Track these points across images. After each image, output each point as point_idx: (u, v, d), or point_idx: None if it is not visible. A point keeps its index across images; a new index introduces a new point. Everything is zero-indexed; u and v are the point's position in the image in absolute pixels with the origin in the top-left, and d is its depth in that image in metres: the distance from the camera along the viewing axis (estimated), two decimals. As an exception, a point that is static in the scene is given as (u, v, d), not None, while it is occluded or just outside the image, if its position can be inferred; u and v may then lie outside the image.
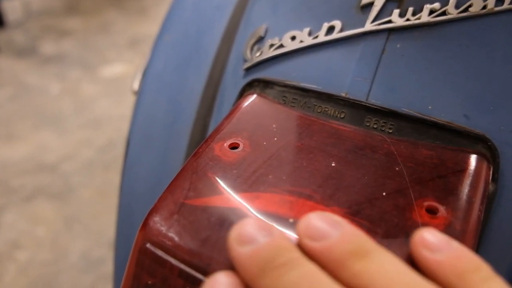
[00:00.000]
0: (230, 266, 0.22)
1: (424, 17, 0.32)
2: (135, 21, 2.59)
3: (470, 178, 0.27)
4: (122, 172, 0.49)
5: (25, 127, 1.68)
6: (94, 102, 1.84)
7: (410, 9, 0.33)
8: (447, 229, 0.24)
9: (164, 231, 0.25)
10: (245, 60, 0.38)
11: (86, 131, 1.66)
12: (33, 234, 1.26)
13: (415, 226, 0.24)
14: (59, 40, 2.36)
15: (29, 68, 2.11)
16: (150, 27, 2.32)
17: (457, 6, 0.32)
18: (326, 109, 0.33)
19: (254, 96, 0.35)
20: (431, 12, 0.32)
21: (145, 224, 0.25)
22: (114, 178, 1.42)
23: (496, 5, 0.32)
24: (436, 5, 0.33)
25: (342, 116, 0.32)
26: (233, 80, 0.39)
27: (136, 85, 0.54)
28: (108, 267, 1.16)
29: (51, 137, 1.63)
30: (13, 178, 1.44)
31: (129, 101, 1.71)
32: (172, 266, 0.23)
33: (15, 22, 2.53)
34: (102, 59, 2.17)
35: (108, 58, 2.19)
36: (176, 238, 0.24)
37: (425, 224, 0.24)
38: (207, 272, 0.23)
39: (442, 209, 0.25)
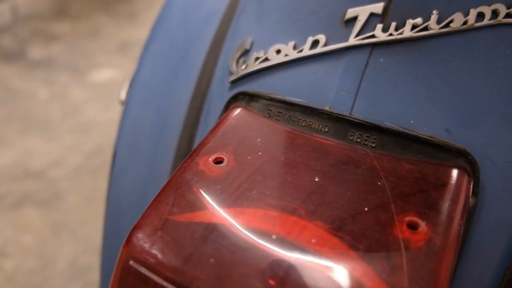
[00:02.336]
0: (212, 283, 0.22)
1: (407, 32, 0.33)
2: (124, 25, 2.58)
3: (451, 192, 0.28)
4: (108, 182, 0.49)
5: (12, 133, 1.66)
6: (83, 107, 1.83)
7: (393, 24, 0.33)
8: (427, 245, 0.24)
9: (147, 248, 0.25)
10: (231, 73, 0.38)
11: (74, 137, 1.65)
12: (19, 242, 1.25)
13: (396, 241, 0.25)
14: (48, 44, 2.34)
15: (17, 72, 2.08)
16: (140, 32, 2.31)
17: (438, 22, 0.33)
18: (311, 123, 0.33)
19: (240, 109, 0.35)
20: (414, 27, 0.33)
21: (129, 240, 0.25)
22: (102, 184, 1.41)
23: (476, 21, 0.32)
24: (419, 20, 0.33)
25: (326, 130, 0.33)
26: (219, 92, 0.39)
27: (123, 95, 0.54)
28: (96, 275, 1.15)
29: (38, 142, 1.62)
30: (-1, 185, 1.42)
31: (118, 106, 1.70)
32: (155, 284, 0.23)
33: (3, 26, 2.50)
34: (91, 64, 2.16)
35: (97, 63, 2.17)
36: (159, 255, 0.24)
37: (406, 240, 0.25)
38: (189, 290, 0.23)
39: (423, 225, 0.25)
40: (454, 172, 0.29)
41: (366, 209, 0.26)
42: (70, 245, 1.24)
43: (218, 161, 0.30)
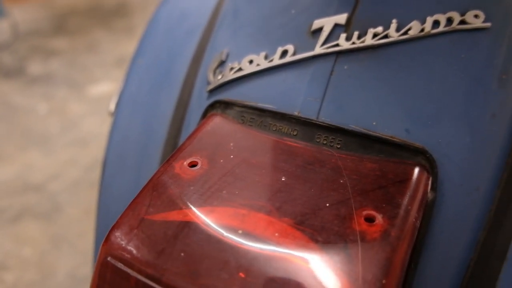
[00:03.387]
0: (182, 275, 0.24)
1: (368, 40, 0.35)
2: (122, 40, 2.62)
3: (409, 188, 0.30)
4: (98, 191, 0.51)
5: (12, 147, 1.69)
6: (81, 121, 1.86)
7: (356, 33, 0.36)
8: (382, 236, 0.26)
9: (124, 245, 0.27)
10: (209, 83, 0.40)
11: (73, 150, 1.68)
12: (20, 254, 1.26)
13: (354, 233, 0.27)
14: (47, 60, 2.38)
15: (17, 88, 2.12)
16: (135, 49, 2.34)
17: (398, 30, 0.35)
18: (281, 127, 0.35)
19: (216, 116, 0.37)
20: (375, 35, 0.35)
21: (107, 239, 0.27)
22: (101, 196, 1.43)
23: (432, 28, 0.35)
24: (379, 29, 0.35)
25: (294, 133, 0.35)
26: (198, 102, 0.41)
27: (112, 107, 0.57)
28: (95, 286, 1.16)
29: (38, 156, 1.64)
30: (-1, 199, 1.45)
31: (116, 119, 1.72)
32: (130, 277, 0.26)
33: (2, 43, 2.55)
34: (89, 78, 2.20)
35: (95, 77, 2.21)
36: (135, 251, 0.26)
37: (362, 232, 0.27)
38: (161, 282, 0.25)
39: (379, 217, 0.27)
40: (413, 169, 0.31)
41: (327, 204, 0.28)
42: (69, 257, 1.25)
43: (193, 165, 0.32)
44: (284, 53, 0.37)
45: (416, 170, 0.31)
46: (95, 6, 3.15)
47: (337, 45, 0.36)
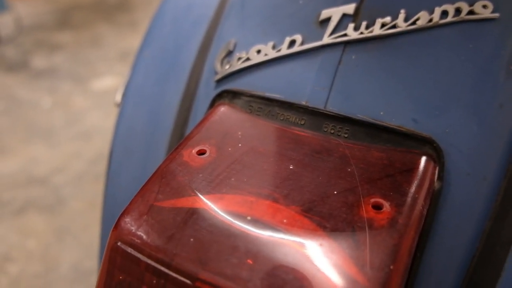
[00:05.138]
0: (191, 260, 0.25)
1: (376, 30, 0.35)
2: (125, 34, 2.62)
3: (416, 176, 0.30)
4: (105, 182, 0.52)
5: (16, 141, 1.70)
6: (85, 114, 1.87)
7: (364, 23, 0.36)
8: (390, 223, 0.27)
9: (133, 231, 0.27)
10: (216, 73, 0.40)
11: (77, 144, 1.68)
12: (24, 247, 1.27)
13: (361, 220, 0.27)
14: (51, 54, 2.39)
15: (21, 82, 2.13)
16: (142, 37, 2.34)
17: (406, 20, 0.35)
18: (288, 117, 0.36)
19: (223, 106, 0.37)
20: (383, 25, 0.35)
21: (117, 225, 0.28)
22: (105, 190, 1.43)
23: (441, 18, 0.35)
24: (387, 19, 0.36)
25: (302, 123, 0.35)
26: (206, 91, 0.41)
27: (118, 98, 0.57)
28: (99, 278, 1.17)
29: (42, 150, 1.65)
30: (3, 192, 1.46)
31: (120, 113, 1.72)
32: (140, 262, 0.26)
33: (7, 37, 2.55)
34: (93, 72, 2.20)
35: (99, 71, 2.21)
36: (144, 237, 0.26)
37: (370, 219, 0.27)
38: (171, 266, 0.25)
39: (386, 205, 0.28)
40: (420, 158, 0.31)
41: (335, 192, 0.29)
42: (73, 250, 1.26)
43: (201, 153, 0.32)
44: (292, 43, 0.37)
45: (423, 159, 0.31)
46: (99, 0, 3.15)
47: (345, 35, 0.36)
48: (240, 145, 0.33)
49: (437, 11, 0.35)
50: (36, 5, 3.03)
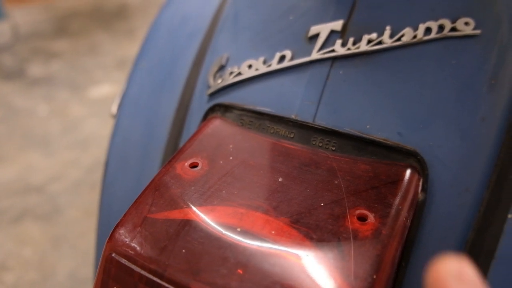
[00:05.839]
0: (183, 271, 0.26)
1: (363, 46, 0.37)
2: (122, 42, 2.64)
3: (400, 188, 0.31)
4: (101, 191, 0.52)
5: (13, 149, 1.70)
6: (82, 122, 1.87)
7: (351, 39, 0.37)
8: (374, 234, 0.28)
9: (127, 242, 0.28)
10: (209, 86, 0.42)
11: (73, 152, 1.69)
12: (20, 255, 1.27)
13: (347, 231, 0.28)
14: (47, 62, 2.40)
15: (18, 90, 2.13)
16: (138, 48, 2.36)
17: (391, 36, 0.37)
18: (278, 130, 0.37)
19: (216, 119, 0.38)
20: (369, 41, 0.37)
21: (112, 236, 0.29)
22: (101, 197, 1.44)
23: (425, 35, 0.36)
24: (373, 35, 0.37)
25: (291, 136, 0.36)
26: (199, 104, 0.42)
27: (114, 109, 0.58)
28: (95, 286, 1.17)
29: (38, 158, 1.66)
30: (0, 200, 1.46)
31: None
32: (134, 272, 0.27)
33: (3, 45, 2.56)
34: (90, 80, 2.21)
35: (96, 79, 2.22)
36: (138, 248, 0.27)
37: (355, 230, 0.28)
38: (163, 277, 0.26)
39: (371, 217, 0.29)
40: (404, 171, 0.33)
41: (322, 204, 0.30)
42: (69, 258, 1.26)
43: (194, 166, 0.33)
44: (282, 58, 0.38)
45: (408, 171, 0.33)
46: (96, 8, 3.17)
47: (333, 50, 0.37)
48: (231, 158, 0.34)
49: (421, 27, 0.36)
50: (33, 13, 3.05)
